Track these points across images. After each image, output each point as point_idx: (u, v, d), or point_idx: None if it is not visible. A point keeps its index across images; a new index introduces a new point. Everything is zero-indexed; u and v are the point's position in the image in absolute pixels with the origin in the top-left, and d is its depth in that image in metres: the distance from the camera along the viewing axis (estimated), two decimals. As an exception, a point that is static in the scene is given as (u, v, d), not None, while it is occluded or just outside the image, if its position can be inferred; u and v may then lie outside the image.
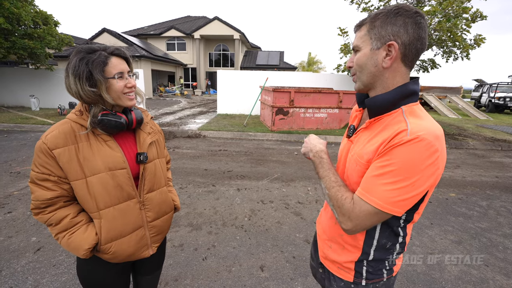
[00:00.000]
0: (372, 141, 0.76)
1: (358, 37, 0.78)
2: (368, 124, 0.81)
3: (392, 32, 0.72)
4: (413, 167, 0.65)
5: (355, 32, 0.82)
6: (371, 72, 0.76)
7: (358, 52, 0.78)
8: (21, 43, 8.67)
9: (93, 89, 0.90)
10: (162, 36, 23.97)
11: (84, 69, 0.88)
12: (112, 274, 1.10)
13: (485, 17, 7.68)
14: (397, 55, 0.73)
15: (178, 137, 6.91)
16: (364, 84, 0.80)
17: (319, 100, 7.66)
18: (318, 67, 32.80)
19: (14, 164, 4.42)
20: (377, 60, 0.75)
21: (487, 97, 15.88)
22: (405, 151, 0.65)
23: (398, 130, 0.69)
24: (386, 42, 0.72)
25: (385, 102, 0.76)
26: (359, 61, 0.78)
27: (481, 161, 5.64)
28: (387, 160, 0.68)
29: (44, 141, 0.90)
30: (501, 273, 2.22)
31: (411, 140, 0.65)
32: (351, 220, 0.72)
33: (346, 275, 0.89)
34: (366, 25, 0.77)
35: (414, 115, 0.72)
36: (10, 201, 3.17)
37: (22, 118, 8.38)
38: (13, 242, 2.40)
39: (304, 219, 3.00)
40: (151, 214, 1.11)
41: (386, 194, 0.67)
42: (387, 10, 0.73)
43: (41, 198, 0.93)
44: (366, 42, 0.76)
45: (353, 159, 0.81)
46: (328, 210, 0.96)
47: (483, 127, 9.79)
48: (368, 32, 0.75)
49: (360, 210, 0.71)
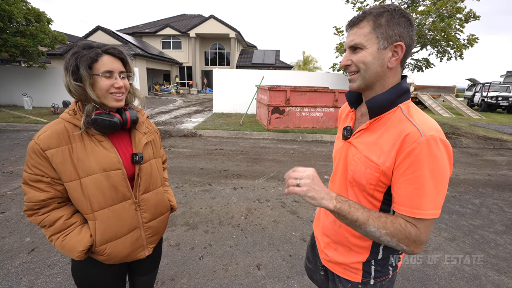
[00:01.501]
0: (379, 142, 0.75)
1: (361, 35, 0.74)
2: (369, 125, 0.80)
3: (399, 33, 0.72)
4: (442, 168, 0.67)
5: (351, 28, 0.78)
6: (376, 72, 0.76)
7: (361, 50, 0.75)
8: (13, 40, 8.51)
9: (78, 83, 0.90)
10: (157, 34, 23.74)
11: (73, 63, 0.89)
12: (108, 275, 1.09)
13: (478, 17, 7.78)
14: (401, 56, 0.74)
15: (174, 136, 6.87)
16: (366, 84, 0.79)
17: (315, 99, 7.69)
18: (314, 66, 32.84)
19: (7, 164, 4.35)
20: (383, 60, 0.74)
21: (480, 96, 16.10)
22: (430, 155, 0.66)
23: (407, 131, 0.70)
24: (393, 42, 0.73)
25: (385, 102, 0.76)
26: (365, 60, 0.75)
27: (474, 160, 5.73)
28: (418, 169, 0.67)
29: (36, 141, 0.89)
30: (493, 269, 2.26)
31: (429, 142, 0.66)
32: (422, 242, 0.70)
33: (354, 276, 0.89)
34: (368, 22, 0.74)
35: (413, 113, 0.75)
36: (3, 201, 3.12)
37: (14, 117, 8.24)
38: (6, 243, 2.37)
39: (301, 217, 3.01)
40: (147, 215, 1.10)
41: (434, 202, 0.68)
42: (390, 9, 0.73)
43: (34, 199, 0.91)
44: (372, 41, 0.73)
45: (360, 162, 0.79)
46: (329, 213, 0.94)
47: (476, 126, 9.93)
48: (373, 30, 0.73)
49: (425, 228, 0.69)
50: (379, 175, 0.74)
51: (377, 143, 0.76)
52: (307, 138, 7.13)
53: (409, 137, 0.68)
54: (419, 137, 0.67)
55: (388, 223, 0.70)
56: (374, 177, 0.75)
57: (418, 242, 0.69)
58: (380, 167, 0.73)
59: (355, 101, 0.91)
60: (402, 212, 0.70)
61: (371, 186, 0.77)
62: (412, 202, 0.68)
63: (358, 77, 0.78)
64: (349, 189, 0.86)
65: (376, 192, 0.77)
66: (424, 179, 0.67)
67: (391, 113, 0.77)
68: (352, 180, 0.83)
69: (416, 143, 0.67)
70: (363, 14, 0.75)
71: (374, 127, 0.79)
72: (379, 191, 0.77)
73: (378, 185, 0.76)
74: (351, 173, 0.83)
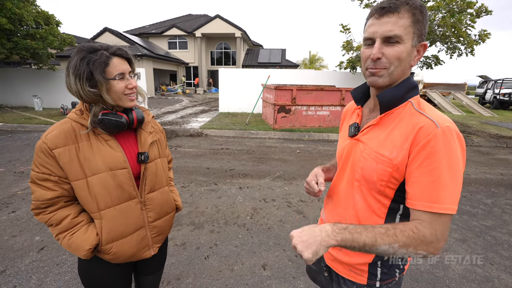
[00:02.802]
0: (391, 137, 0.73)
1: (401, 26, 0.67)
2: (379, 120, 0.78)
3: (425, 32, 0.71)
4: (458, 160, 0.65)
5: (387, 14, 0.68)
6: (404, 70, 0.73)
7: (399, 44, 0.68)
8: (23, 43, 8.71)
9: (93, 90, 0.89)
10: (163, 35, 23.95)
11: (85, 69, 0.87)
12: (114, 275, 1.10)
13: (490, 12, 7.56)
14: (422, 55, 0.73)
15: (180, 136, 6.91)
16: (392, 81, 0.73)
17: (321, 98, 7.62)
18: (320, 65, 32.62)
19: (18, 164, 4.45)
20: (411, 59, 0.72)
21: (492, 93, 15.70)
22: (447, 146, 0.64)
23: (421, 123, 0.67)
24: (421, 41, 0.71)
25: (396, 96, 0.74)
26: (401, 55, 0.69)
27: (486, 158, 5.58)
28: (435, 161, 0.64)
29: (44, 140, 0.90)
30: (506, 271, 2.19)
31: (445, 133, 0.64)
32: (439, 240, 0.65)
33: (359, 277, 0.86)
34: (407, 12, 0.67)
35: (424, 107, 0.73)
36: (14, 200, 3.19)
37: (25, 118, 8.43)
38: (17, 241, 2.42)
39: (307, 217, 2.98)
40: (152, 215, 1.10)
41: (452, 196, 0.64)
42: (421, 4, 0.69)
43: (42, 198, 0.92)
44: (410, 36, 0.68)
45: (370, 158, 0.76)
46: (335, 213, 0.92)
47: (487, 124, 9.69)
48: (413, 24, 0.67)
49: (442, 226, 0.65)
50: (391, 171, 0.71)
51: (389, 137, 0.73)
52: (314, 137, 7.08)
53: (423, 129, 0.66)
54: (435, 129, 0.65)
55: (398, 234, 0.65)
56: (387, 172, 0.72)
57: (436, 242, 0.64)
58: (393, 162, 0.71)
59: (362, 98, 0.89)
60: (419, 207, 0.66)
61: (382, 182, 0.74)
62: (429, 195, 0.64)
63: (385, 73, 0.72)
64: (356, 188, 0.83)
65: (387, 189, 0.75)
66: (441, 171, 0.64)
67: (401, 108, 0.75)
68: (361, 178, 0.80)
69: (431, 135, 0.64)
70: (400, 1, 0.67)
71: (384, 122, 0.77)
72: (391, 188, 0.74)
73: (390, 181, 0.73)
74: (360, 171, 0.80)
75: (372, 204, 0.79)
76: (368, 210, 0.80)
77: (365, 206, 0.81)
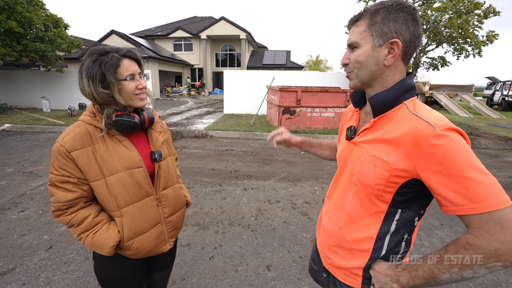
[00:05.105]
0: (387, 140, 0.72)
1: (357, 33, 0.75)
2: (373, 124, 0.78)
3: (394, 29, 0.70)
4: (469, 152, 0.62)
5: (351, 27, 0.78)
6: (372, 70, 0.74)
7: (357, 49, 0.75)
8: (32, 46, 8.90)
9: (106, 91, 0.91)
10: (169, 37, 24.19)
11: (98, 71, 0.90)
12: (132, 270, 1.14)
13: (498, 13, 7.48)
14: (399, 53, 0.71)
15: (185, 137, 6.96)
16: (362, 82, 0.78)
17: (326, 99, 7.60)
18: (325, 66, 32.52)
19: (27, 164, 4.53)
20: (378, 58, 0.73)
21: (500, 95, 15.45)
22: (452, 144, 0.62)
23: (418, 127, 0.66)
24: (389, 39, 0.71)
25: (388, 99, 0.74)
26: (359, 59, 0.75)
27: (494, 161, 5.50)
28: (447, 162, 0.61)
29: (61, 143, 0.92)
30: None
31: (445, 132, 0.63)
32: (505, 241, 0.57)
33: (353, 281, 0.86)
34: (364, 20, 0.73)
35: (419, 109, 0.71)
36: (23, 200, 3.25)
37: (34, 119, 8.59)
38: (26, 240, 2.47)
39: (311, 219, 2.98)
40: (167, 210, 1.15)
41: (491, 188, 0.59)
42: (387, 5, 0.71)
43: (62, 200, 0.95)
44: (367, 39, 0.73)
45: (367, 161, 0.76)
46: (331, 215, 0.92)
47: (495, 126, 9.53)
48: (368, 28, 0.72)
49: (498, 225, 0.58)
50: (389, 175, 0.70)
51: (385, 141, 0.73)
52: (319, 139, 7.05)
53: (422, 132, 0.65)
54: (433, 131, 0.63)
55: (452, 258, 0.61)
56: (385, 176, 0.71)
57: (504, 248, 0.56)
58: (391, 166, 0.70)
59: (360, 100, 0.89)
60: (463, 212, 0.61)
61: (380, 186, 0.73)
62: (465, 198, 0.59)
63: (353, 75, 0.79)
64: (353, 192, 0.82)
65: (385, 193, 0.74)
66: (461, 169, 0.60)
67: (396, 110, 0.74)
68: (358, 182, 0.79)
69: (432, 137, 0.63)
70: (362, 12, 0.75)
71: (379, 126, 0.77)
72: (389, 192, 0.73)
73: (387, 185, 0.72)
74: (358, 174, 0.79)
75: (369, 209, 0.78)
76: (364, 214, 0.80)
77: (362, 210, 0.80)
